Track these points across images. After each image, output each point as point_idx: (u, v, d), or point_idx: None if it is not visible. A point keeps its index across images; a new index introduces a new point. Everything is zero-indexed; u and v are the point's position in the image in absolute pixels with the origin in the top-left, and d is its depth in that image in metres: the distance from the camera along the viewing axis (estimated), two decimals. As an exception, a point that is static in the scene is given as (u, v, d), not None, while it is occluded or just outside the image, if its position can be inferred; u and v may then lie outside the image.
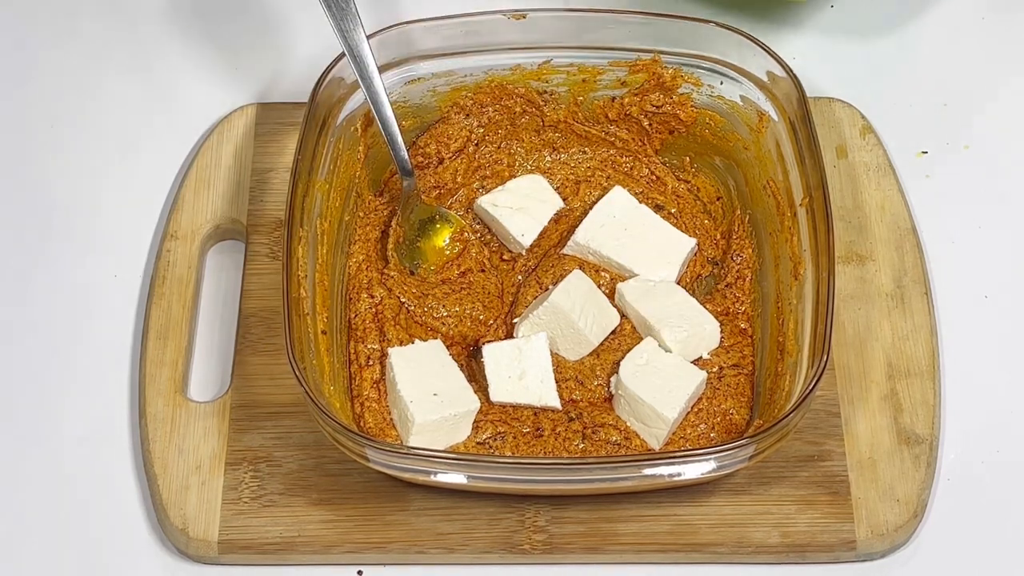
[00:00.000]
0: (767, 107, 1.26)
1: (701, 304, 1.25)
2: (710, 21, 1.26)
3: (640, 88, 1.30)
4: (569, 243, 1.28)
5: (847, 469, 1.20)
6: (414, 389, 1.19)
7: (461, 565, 1.18)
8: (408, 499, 1.19)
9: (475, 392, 1.21)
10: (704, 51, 1.27)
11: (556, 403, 1.20)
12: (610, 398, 1.22)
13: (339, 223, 1.26)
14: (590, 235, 1.27)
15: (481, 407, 1.21)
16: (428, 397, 1.18)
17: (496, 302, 1.27)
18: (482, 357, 1.22)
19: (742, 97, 1.27)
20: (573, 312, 1.22)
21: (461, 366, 1.22)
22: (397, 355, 1.21)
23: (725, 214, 1.30)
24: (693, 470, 1.11)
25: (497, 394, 1.21)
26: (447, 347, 1.23)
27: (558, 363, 1.23)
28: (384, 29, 1.26)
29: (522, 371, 1.21)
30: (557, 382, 1.22)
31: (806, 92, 1.23)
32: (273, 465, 1.20)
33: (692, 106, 1.30)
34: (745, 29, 1.26)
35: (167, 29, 1.45)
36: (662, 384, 1.19)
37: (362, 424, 1.20)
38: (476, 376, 1.23)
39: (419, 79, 1.30)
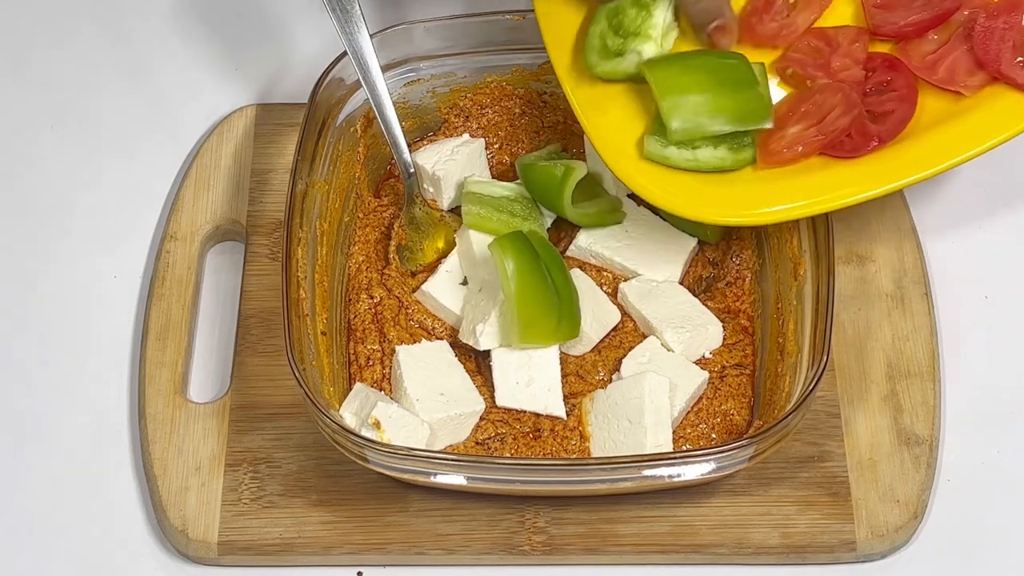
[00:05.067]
0: (767, 108, 1.25)
1: (704, 304, 1.25)
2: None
3: (639, 89, 1.30)
4: (571, 247, 1.27)
5: (847, 470, 1.20)
6: (420, 387, 1.19)
7: (461, 566, 1.18)
8: (408, 500, 1.19)
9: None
10: (703, 51, 1.27)
11: (562, 413, 1.20)
12: (610, 396, 1.22)
13: (339, 224, 1.26)
14: (592, 237, 1.27)
15: (481, 408, 1.21)
16: (434, 396, 1.19)
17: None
18: (490, 360, 1.21)
19: (742, 98, 1.27)
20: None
21: (464, 367, 1.23)
22: (405, 353, 1.21)
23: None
24: (693, 471, 1.11)
25: (503, 399, 1.20)
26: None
27: (559, 358, 1.23)
28: (383, 30, 1.26)
29: (530, 378, 1.20)
30: (557, 377, 1.22)
31: (806, 93, 1.23)
32: (273, 466, 1.20)
33: (692, 106, 1.30)
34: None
35: (167, 30, 1.45)
36: (663, 383, 1.19)
37: (362, 425, 1.20)
38: (475, 377, 1.23)
39: (418, 80, 1.30)
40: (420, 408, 1.18)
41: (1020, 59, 1.12)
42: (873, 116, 1.15)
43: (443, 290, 1.24)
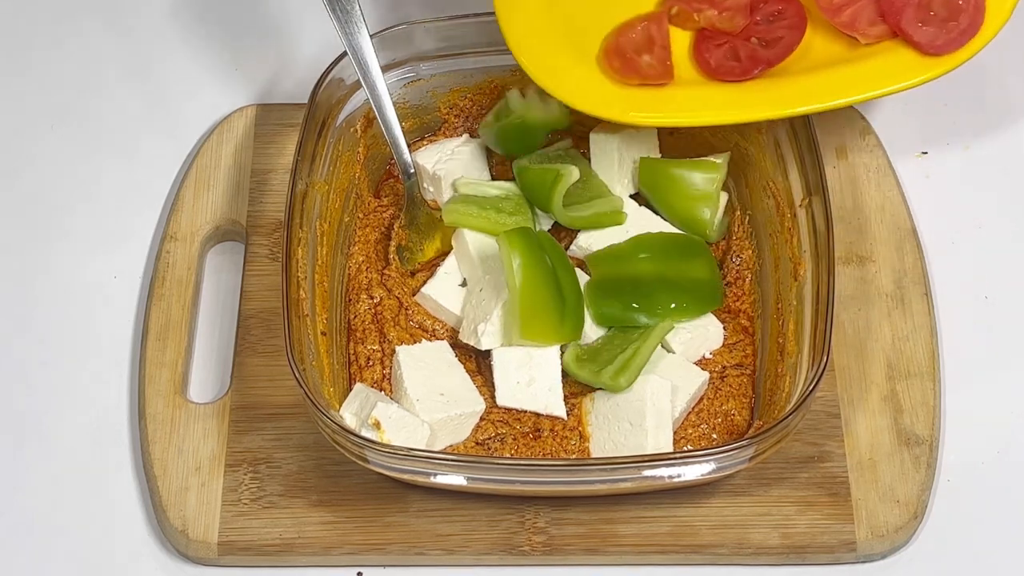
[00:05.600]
0: (767, 108, 1.26)
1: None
2: (709, 22, 1.27)
3: (639, 89, 1.30)
4: (572, 247, 1.27)
5: (847, 470, 1.20)
6: (421, 388, 1.19)
7: (461, 567, 1.18)
8: (408, 500, 1.19)
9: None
10: (704, 52, 1.27)
11: (562, 413, 1.20)
12: (611, 397, 1.22)
13: (339, 224, 1.26)
14: (592, 238, 1.27)
15: (481, 408, 1.21)
16: (434, 396, 1.19)
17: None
18: (490, 360, 1.21)
19: (742, 98, 1.27)
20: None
21: (465, 367, 1.23)
22: (405, 353, 1.21)
23: (725, 215, 1.30)
24: (693, 471, 1.11)
25: (503, 398, 1.20)
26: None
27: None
28: (384, 30, 1.26)
29: (531, 378, 1.20)
30: (556, 377, 1.22)
31: (806, 93, 1.23)
32: (273, 466, 1.20)
33: (692, 107, 1.30)
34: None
35: (167, 29, 1.45)
36: (664, 384, 1.19)
37: (362, 425, 1.20)
38: (475, 377, 1.23)
39: (419, 80, 1.30)
40: (420, 408, 1.18)
41: (921, 19, 1.17)
42: (764, 43, 1.20)
43: (443, 292, 1.24)
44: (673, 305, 1.21)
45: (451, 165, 1.28)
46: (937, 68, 1.17)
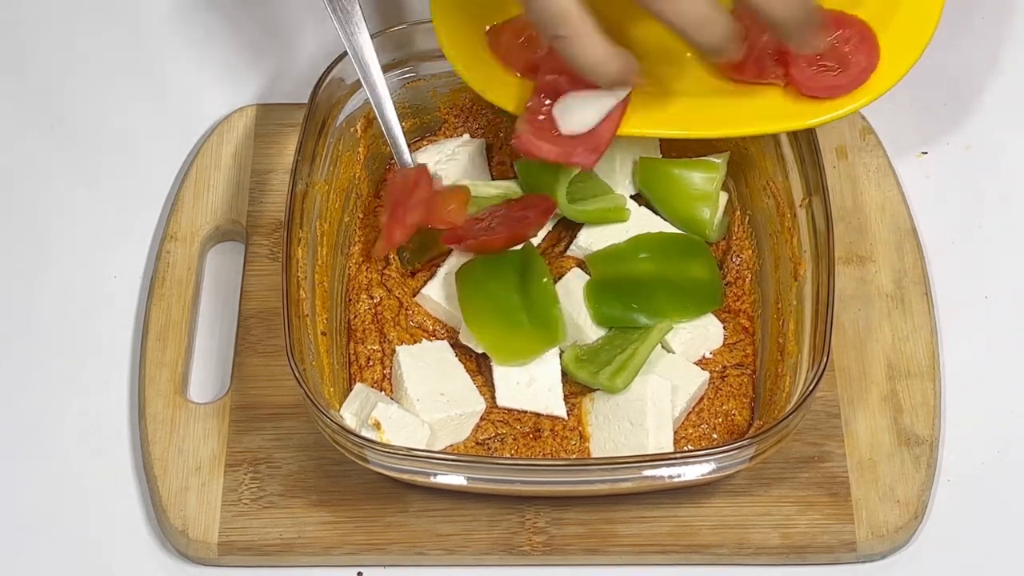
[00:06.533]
0: (767, 108, 1.25)
1: (704, 305, 1.25)
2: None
3: (640, 89, 1.30)
4: (572, 247, 1.27)
5: (847, 470, 1.20)
6: (421, 388, 1.19)
7: (461, 567, 1.18)
8: (408, 500, 1.19)
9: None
10: (704, 52, 1.27)
11: (563, 413, 1.20)
12: (610, 397, 1.22)
13: (339, 224, 1.26)
14: (592, 237, 1.27)
15: (481, 408, 1.21)
16: (435, 396, 1.19)
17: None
18: (490, 360, 1.21)
19: (742, 98, 1.27)
20: (571, 308, 1.22)
21: (465, 367, 1.23)
22: (405, 353, 1.21)
23: (725, 215, 1.30)
24: (693, 471, 1.11)
25: (504, 399, 1.20)
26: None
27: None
28: (384, 30, 1.26)
29: (531, 378, 1.20)
30: (555, 376, 1.22)
31: (806, 93, 1.23)
32: (273, 466, 1.20)
33: (692, 106, 1.30)
34: (744, 30, 1.26)
35: (167, 29, 1.45)
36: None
37: (362, 425, 1.20)
38: (475, 377, 1.23)
39: (418, 80, 1.30)
40: (420, 408, 1.18)
41: (809, 62, 1.15)
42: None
43: (443, 292, 1.24)
44: (673, 305, 1.21)
45: (451, 165, 1.28)
46: (811, 116, 1.16)
